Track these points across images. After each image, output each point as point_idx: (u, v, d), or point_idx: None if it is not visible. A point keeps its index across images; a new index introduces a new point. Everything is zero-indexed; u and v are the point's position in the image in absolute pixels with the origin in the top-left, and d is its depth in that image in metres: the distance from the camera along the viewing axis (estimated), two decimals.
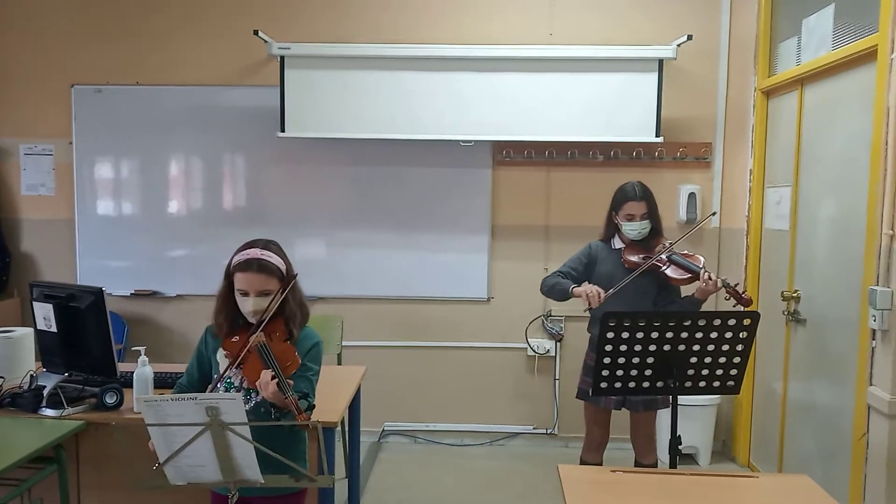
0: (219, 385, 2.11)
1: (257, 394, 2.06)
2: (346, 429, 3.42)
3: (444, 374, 4.55)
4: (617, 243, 3.12)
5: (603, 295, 2.89)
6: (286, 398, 1.94)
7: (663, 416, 3.33)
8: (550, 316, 4.45)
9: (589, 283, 3.14)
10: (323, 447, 1.80)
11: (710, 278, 2.89)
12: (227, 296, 2.15)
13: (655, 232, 3.08)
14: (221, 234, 4.45)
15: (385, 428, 4.58)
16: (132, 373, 2.58)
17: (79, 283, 4.41)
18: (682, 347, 2.38)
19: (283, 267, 2.15)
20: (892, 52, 2.72)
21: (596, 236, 3.20)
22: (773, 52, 3.94)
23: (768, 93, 3.96)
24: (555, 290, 3.07)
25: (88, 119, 4.48)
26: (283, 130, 4.16)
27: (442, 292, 4.49)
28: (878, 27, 2.84)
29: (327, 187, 4.46)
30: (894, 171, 2.70)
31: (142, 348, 2.65)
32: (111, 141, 4.49)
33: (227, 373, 2.10)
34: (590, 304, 2.90)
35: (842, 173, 3.21)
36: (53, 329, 2.61)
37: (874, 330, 2.78)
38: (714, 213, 4.18)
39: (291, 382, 1.99)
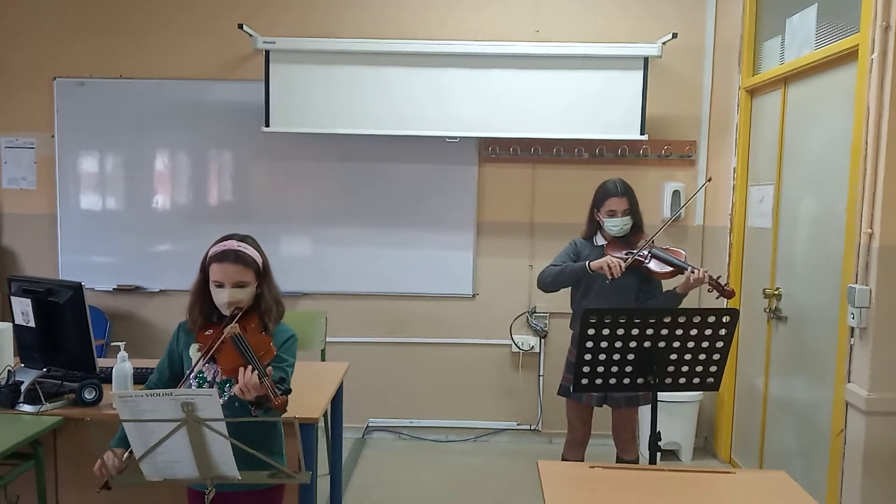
0: (192, 379, 2.09)
1: (231, 387, 2.04)
2: (329, 425, 3.42)
3: (429, 370, 4.55)
4: (599, 240, 3.13)
5: (623, 264, 2.86)
6: (262, 383, 1.91)
7: (645, 412, 3.36)
8: (535, 313, 4.46)
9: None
10: (300, 443, 1.78)
11: (695, 272, 2.90)
12: (202, 289, 2.13)
13: (637, 228, 3.10)
14: (205, 230, 4.39)
15: (369, 424, 4.57)
16: (112, 368, 2.56)
17: (61, 278, 4.37)
18: (662, 344, 2.39)
19: (259, 260, 2.14)
20: (873, 52, 2.74)
21: (581, 233, 3.21)
22: (757, 50, 3.96)
23: (752, 91, 3.98)
24: (563, 275, 3.02)
25: (71, 112, 4.44)
26: (267, 125, 4.14)
27: (427, 289, 4.49)
28: (860, 27, 2.86)
29: (312, 183, 4.44)
30: (874, 169, 2.73)
31: (121, 344, 2.63)
32: (94, 135, 4.45)
33: (198, 366, 2.07)
34: (612, 275, 2.85)
35: (823, 172, 3.23)
36: (32, 324, 2.59)
37: (853, 327, 2.81)
38: (710, 179, 4.02)
39: (270, 370, 1.97)
